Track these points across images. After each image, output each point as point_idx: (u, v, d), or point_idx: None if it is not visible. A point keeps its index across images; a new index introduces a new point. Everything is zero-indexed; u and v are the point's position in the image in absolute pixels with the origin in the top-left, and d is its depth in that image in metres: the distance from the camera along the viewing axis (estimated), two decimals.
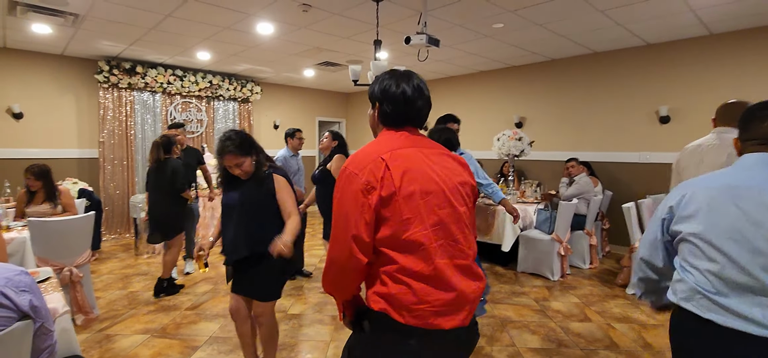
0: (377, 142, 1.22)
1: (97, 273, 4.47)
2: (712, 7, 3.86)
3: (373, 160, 1.14)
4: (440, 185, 1.18)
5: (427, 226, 1.13)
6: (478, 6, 3.86)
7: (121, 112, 6.26)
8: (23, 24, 4.44)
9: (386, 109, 1.25)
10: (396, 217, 1.12)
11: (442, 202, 1.17)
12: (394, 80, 1.24)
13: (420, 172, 1.16)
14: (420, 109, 1.26)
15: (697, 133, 4.74)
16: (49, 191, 3.42)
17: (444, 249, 1.15)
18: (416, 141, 1.24)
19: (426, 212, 1.14)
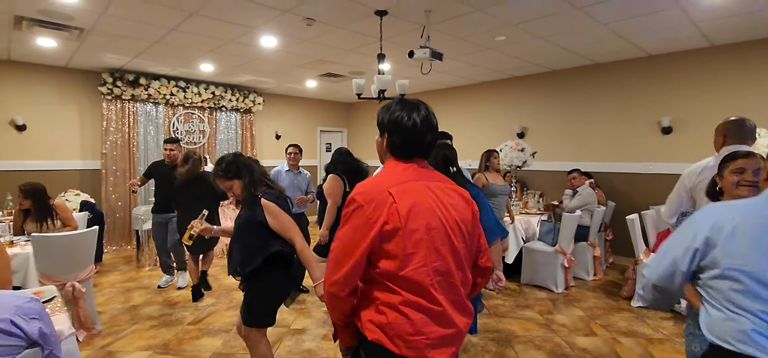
0: (385, 174, 1.24)
1: (98, 286, 4.45)
2: (713, 20, 3.88)
3: (380, 192, 1.17)
4: (442, 221, 1.20)
5: (427, 262, 1.16)
6: (481, 20, 3.89)
7: (124, 123, 6.27)
8: (28, 38, 4.47)
9: (396, 141, 1.26)
10: (399, 251, 1.14)
11: (443, 238, 1.19)
12: (406, 112, 1.25)
13: (425, 208, 1.18)
14: (429, 142, 1.28)
15: (699, 144, 4.78)
16: (41, 212, 3.31)
17: (441, 285, 1.18)
18: (423, 174, 1.26)
19: (428, 249, 1.16)
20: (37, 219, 3.34)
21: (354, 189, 1.23)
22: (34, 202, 3.32)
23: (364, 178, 3.45)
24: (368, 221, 1.14)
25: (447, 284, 1.19)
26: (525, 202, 5.47)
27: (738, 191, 1.56)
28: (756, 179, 1.55)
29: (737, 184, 1.56)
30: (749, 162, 1.57)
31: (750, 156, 1.59)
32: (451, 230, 1.21)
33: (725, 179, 1.61)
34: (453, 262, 1.21)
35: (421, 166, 1.28)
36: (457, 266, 1.22)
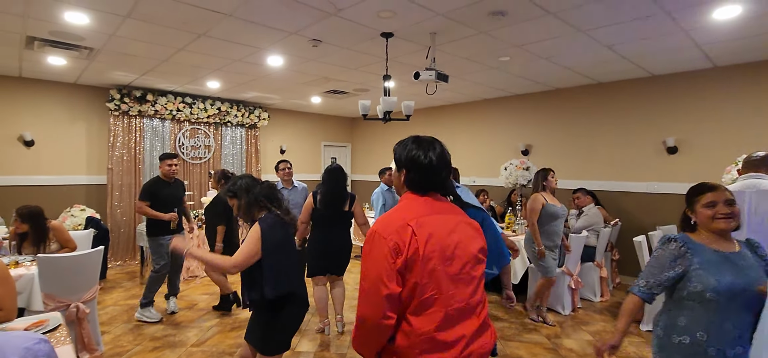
0: (404, 209, 1.32)
1: (102, 304, 4.44)
2: (717, 43, 3.89)
3: (401, 226, 1.25)
4: (458, 251, 1.29)
5: (443, 290, 1.24)
6: (485, 41, 3.92)
7: (131, 138, 6.32)
8: (39, 57, 4.54)
9: (413, 177, 1.36)
10: (417, 279, 1.22)
11: (458, 268, 1.28)
12: (422, 150, 1.35)
13: (441, 239, 1.27)
14: (444, 178, 1.37)
15: (705, 164, 4.76)
16: (38, 236, 3.26)
17: (459, 312, 1.27)
18: (439, 208, 1.35)
19: (444, 277, 1.25)
20: (34, 243, 3.27)
21: (375, 223, 1.31)
22: (32, 225, 3.25)
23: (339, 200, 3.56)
24: (392, 251, 1.21)
25: (465, 310, 1.28)
26: None
27: (715, 224, 1.59)
28: (731, 211, 1.58)
29: (713, 217, 1.59)
30: (718, 195, 1.61)
31: (717, 189, 1.62)
32: (468, 259, 1.30)
33: (699, 213, 1.63)
34: (469, 288, 1.30)
35: (437, 200, 1.37)
36: (472, 291, 1.31)
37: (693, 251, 1.58)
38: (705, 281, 1.53)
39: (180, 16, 3.35)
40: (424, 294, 1.23)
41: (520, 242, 4.39)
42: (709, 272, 1.53)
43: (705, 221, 1.62)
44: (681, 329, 1.58)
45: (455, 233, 1.31)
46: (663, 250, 1.63)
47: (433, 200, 1.36)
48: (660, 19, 3.32)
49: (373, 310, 1.22)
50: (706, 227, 1.62)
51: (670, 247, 1.61)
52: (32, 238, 3.29)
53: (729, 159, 4.31)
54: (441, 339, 1.23)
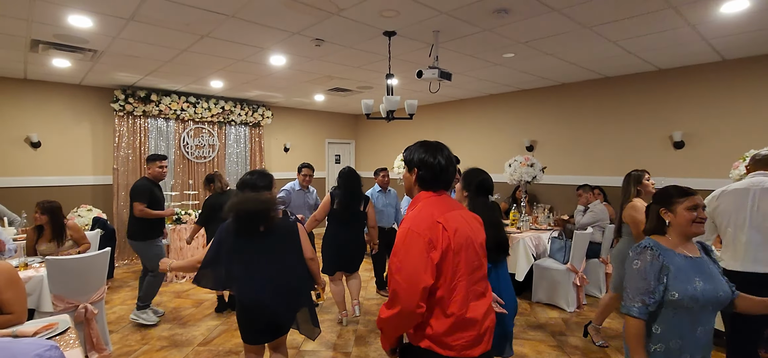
0: (429, 206, 1.47)
1: (109, 304, 4.49)
2: (724, 37, 3.83)
3: (432, 223, 1.41)
4: (473, 241, 1.49)
5: (465, 275, 1.44)
6: (489, 39, 3.89)
7: (136, 138, 6.36)
8: (44, 59, 4.57)
9: (425, 175, 1.52)
10: (448, 268, 1.41)
11: (473, 255, 1.49)
12: (430, 153, 1.53)
13: (463, 233, 1.46)
14: (451, 175, 1.55)
15: (712, 159, 4.71)
16: (55, 229, 3.39)
17: (474, 292, 1.47)
18: (452, 205, 1.53)
19: (466, 264, 1.45)
20: (52, 237, 3.39)
21: (404, 221, 1.45)
22: (51, 218, 3.38)
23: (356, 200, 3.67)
24: (428, 246, 1.37)
25: (477, 290, 1.49)
26: (535, 217, 5.42)
27: (694, 227, 1.58)
28: (705, 217, 1.60)
29: (693, 221, 1.57)
30: (699, 199, 1.61)
31: (697, 193, 1.62)
32: (479, 248, 1.51)
33: (680, 215, 1.58)
34: (480, 272, 1.51)
35: (448, 198, 1.55)
36: (482, 275, 1.52)
37: (666, 258, 1.54)
38: (681, 288, 1.50)
39: (183, 18, 3.36)
40: (453, 281, 1.41)
41: (524, 240, 4.38)
42: (684, 280, 1.51)
43: (685, 223, 1.58)
44: (656, 337, 1.55)
45: (469, 226, 1.51)
46: (642, 261, 1.55)
47: (446, 197, 1.53)
48: (667, 14, 3.28)
49: (409, 300, 1.36)
50: (683, 230, 1.59)
51: (647, 256, 1.55)
52: (50, 232, 3.39)
53: (737, 154, 4.26)
54: (469, 318, 1.43)
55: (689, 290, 1.49)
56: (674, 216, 1.60)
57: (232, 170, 7.45)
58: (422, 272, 1.36)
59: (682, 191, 1.63)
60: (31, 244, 3.44)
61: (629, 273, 1.59)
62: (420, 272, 1.36)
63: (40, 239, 3.42)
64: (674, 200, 1.61)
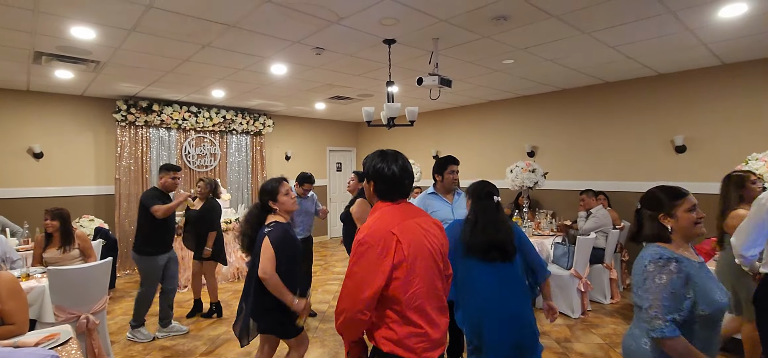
0: (384, 216, 1.49)
1: (111, 314, 4.47)
2: (723, 41, 3.84)
3: (386, 233, 1.44)
4: (430, 249, 1.52)
5: (423, 283, 1.47)
6: (488, 45, 3.91)
7: (138, 148, 6.39)
8: (47, 71, 4.61)
9: (381, 187, 1.55)
10: (403, 278, 1.43)
11: (431, 263, 1.51)
12: (386, 163, 1.54)
13: (419, 242, 1.49)
14: (407, 186, 1.57)
15: (714, 163, 4.70)
16: (65, 235, 3.46)
17: (431, 299, 1.50)
18: (410, 213, 1.55)
19: (422, 273, 1.47)
20: (60, 244, 3.42)
21: (360, 231, 1.46)
22: (62, 224, 3.43)
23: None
24: (380, 257, 1.40)
25: (435, 298, 1.52)
26: (537, 222, 5.40)
27: (697, 228, 1.52)
28: (703, 216, 1.55)
29: (696, 222, 1.52)
30: (694, 198, 1.55)
31: (687, 192, 1.56)
32: (435, 254, 1.54)
33: (682, 218, 1.50)
34: (438, 279, 1.54)
35: (407, 206, 1.57)
36: (439, 281, 1.56)
37: (687, 267, 1.44)
38: (709, 302, 1.41)
39: (184, 29, 3.39)
40: (411, 289, 1.44)
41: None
42: (708, 291, 1.43)
43: (689, 226, 1.50)
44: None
45: (428, 234, 1.53)
46: (666, 274, 1.42)
47: (405, 205, 1.56)
48: (665, 19, 3.29)
49: (352, 306, 1.41)
50: (687, 234, 1.51)
51: (672, 268, 1.42)
52: (60, 238, 3.43)
53: (739, 157, 4.25)
54: (429, 322, 1.47)
55: (716, 303, 1.42)
56: (676, 221, 1.51)
57: (234, 179, 7.46)
58: (370, 281, 1.39)
59: (674, 192, 1.55)
60: (40, 252, 3.45)
61: (653, 290, 1.42)
62: (367, 281, 1.39)
63: (48, 247, 3.43)
64: (672, 204, 1.52)
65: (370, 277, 1.39)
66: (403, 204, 1.56)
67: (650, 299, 1.42)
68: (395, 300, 1.43)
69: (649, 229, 1.56)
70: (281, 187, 2.35)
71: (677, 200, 1.53)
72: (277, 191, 2.33)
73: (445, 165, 2.99)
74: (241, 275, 5.93)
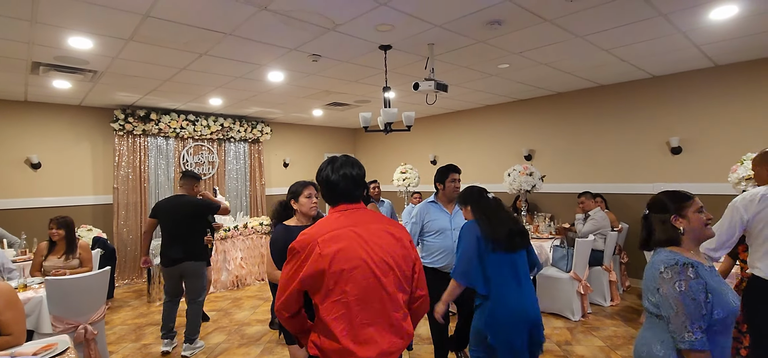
0: (321, 223, 1.49)
1: (109, 324, 4.45)
2: (715, 43, 3.88)
3: (310, 241, 1.43)
4: (366, 260, 1.43)
5: (350, 295, 1.40)
6: (484, 50, 3.94)
7: (135, 157, 6.39)
8: (45, 81, 4.62)
9: (323, 192, 1.59)
10: (325, 287, 1.40)
11: (367, 274, 1.42)
12: (324, 168, 1.57)
13: (349, 250, 1.42)
14: (343, 188, 1.53)
15: (710, 164, 4.73)
16: (69, 243, 3.48)
17: (367, 313, 1.41)
18: (357, 221, 1.50)
19: (351, 284, 1.40)
20: (66, 251, 3.44)
21: (296, 237, 1.48)
22: (67, 233, 3.45)
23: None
24: (300, 263, 1.42)
25: (373, 311, 1.42)
26: (536, 225, 5.41)
27: (706, 230, 1.53)
28: (711, 217, 1.56)
29: (706, 223, 1.53)
30: (699, 201, 1.57)
31: (692, 194, 1.58)
32: (376, 266, 1.43)
33: (693, 219, 1.50)
34: (378, 292, 1.43)
35: (360, 213, 1.53)
36: (385, 295, 1.44)
37: (703, 272, 1.42)
38: (725, 305, 1.39)
39: (181, 37, 3.41)
40: (331, 297, 1.40)
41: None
42: (721, 294, 1.41)
43: (699, 227, 1.50)
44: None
45: (366, 241, 1.45)
46: (685, 279, 1.39)
47: (350, 213, 1.51)
48: (657, 21, 3.33)
49: (278, 302, 1.48)
50: (698, 235, 1.51)
51: (691, 274, 1.39)
52: (64, 246, 3.45)
53: (734, 158, 4.27)
54: (348, 346, 1.38)
55: (730, 306, 1.40)
56: (688, 222, 1.50)
57: (232, 187, 7.46)
58: (286, 285, 1.45)
59: (681, 195, 1.55)
60: (40, 260, 3.43)
61: (673, 297, 1.38)
62: (288, 284, 1.45)
63: (49, 255, 3.42)
64: (683, 205, 1.52)
65: (288, 281, 1.44)
66: (353, 211, 1.52)
67: (674, 307, 1.38)
68: (321, 309, 1.42)
69: (661, 233, 1.54)
70: (305, 190, 2.38)
71: (686, 201, 1.53)
72: (300, 192, 2.38)
73: (446, 173, 2.98)
74: (240, 282, 5.91)
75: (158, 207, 3.64)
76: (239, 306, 5.04)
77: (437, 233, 2.96)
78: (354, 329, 1.39)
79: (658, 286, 1.43)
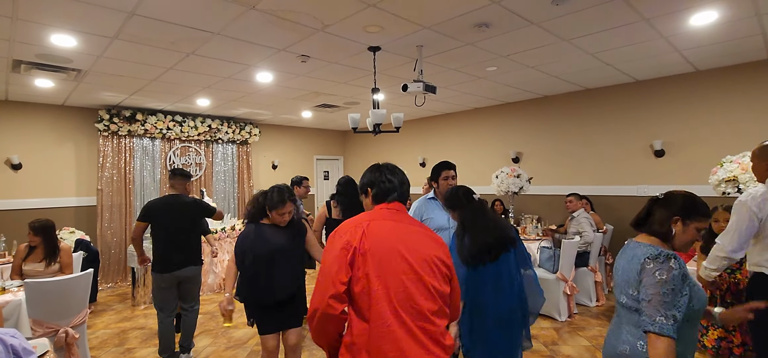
0: (367, 214, 1.54)
1: (92, 328, 4.35)
2: (696, 48, 3.99)
3: (356, 224, 1.44)
4: (406, 254, 1.41)
5: (388, 286, 1.36)
6: (471, 52, 3.98)
7: (120, 158, 6.28)
8: (26, 79, 4.52)
9: (375, 192, 1.60)
10: (363, 272, 1.36)
11: (406, 269, 1.39)
12: (380, 173, 1.63)
13: (388, 242, 1.42)
14: (391, 189, 1.59)
15: (692, 166, 4.84)
16: (49, 248, 3.38)
17: (404, 310, 1.36)
18: (398, 218, 1.52)
19: (390, 274, 1.37)
20: (43, 257, 3.34)
21: (339, 227, 1.49)
22: (44, 238, 3.35)
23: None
24: (346, 245, 1.39)
25: (411, 311, 1.37)
26: (523, 227, 5.46)
27: (689, 248, 1.58)
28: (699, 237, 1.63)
29: (694, 241, 1.56)
30: (708, 223, 1.67)
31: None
32: (418, 263, 1.41)
33: (690, 231, 1.52)
34: (418, 292, 1.39)
35: (401, 213, 1.56)
36: (424, 297, 1.39)
37: (684, 267, 1.46)
38: (700, 297, 1.47)
39: (168, 36, 3.37)
40: (368, 285, 1.36)
41: None
42: (698, 287, 1.49)
43: (689, 241, 1.53)
44: (679, 355, 1.43)
45: (408, 238, 1.45)
46: (667, 271, 1.40)
47: (397, 212, 1.55)
48: (640, 26, 3.40)
49: (321, 298, 1.37)
50: (683, 246, 1.53)
51: (672, 265, 1.41)
52: (42, 251, 3.35)
53: (714, 160, 4.38)
54: (383, 332, 1.34)
55: (703, 298, 1.47)
56: (684, 230, 1.51)
57: (220, 189, 7.38)
58: (336, 271, 1.37)
59: (699, 208, 1.53)
60: (19, 263, 3.34)
61: (652, 285, 1.40)
62: (334, 271, 1.37)
63: (28, 258, 3.33)
64: (693, 215, 1.51)
65: (336, 266, 1.37)
66: (394, 210, 1.55)
67: (650, 293, 1.39)
68: (356, 300, 1.39)
69: (658, 224, 1.54)
70: (283, 208, 2.45)
71: (696, 214, 1.51)
72: (275, 209, 2.45)
73: (439, 171, 2.91)
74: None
75: (151, 208, 3.31)
76: None
77: (435, 231, 2.92)
78: (388, 325, 1.35)
79: (640, 277, 1.44)
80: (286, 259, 2.46)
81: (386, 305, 1.35)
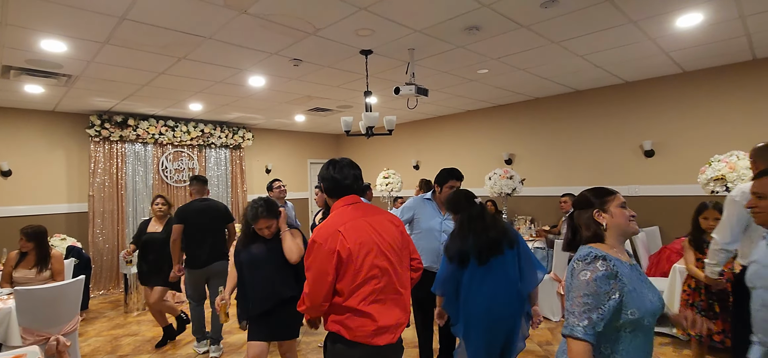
0: (334, 217, 1.73)
1: (84, 336, 4.31)
2: (682, 49, 4.06)
3: (332, 231, 1.67)
4: (379, 244, 1.73)
5: (370, 274, 1.68)
6: (463, 55, 4.01)
7: (112, 164, 6.23)
8: (16, 85, 4.48)
9: (328, 187, 1.83)
10: (351, 269, 1.66)
11: (380, 255, 1.72)
12: (333, 168, 1.82)
13: (366, 237, 1.71)
14: (349, 186, 1.81)
15: (681, 166, 4.91)
16: (41, 255, 3.33)
17: (382, 289, 1.70)
18: (363, 213, 1.77)
19: (369, 265, 1.68)
20: (35, 263, 3.30)
21: (315, 229, 1.71)
22: (36, 244, 3.31)
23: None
24: (328, 254, 1.63)
25: (389, 289, 1.72)
26: (517, 228, 5.50)
27: (631, 225, 1.49)
28: (635, 213, 1.55)
29: (630, 218, 1.50)
30: (622, 196, 1.56)
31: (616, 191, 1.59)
32: (386, 249, 1.74)
33: (616, 214, 1.46)
34: (390, 271, 1.73)
35: (361, 207, 1.79)
36: (393, 273, 1.75)
37: (616, 266, 1.33)
38: (640, 305, 1.32)
39: (159, 41, 3.36)
40: (358, 278, 1.66)
41: None
42: (639, 293, 1.34)
43: (624, 222, 1.44)
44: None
45: (377, 230, 1.74)
46: (592, 271, 1.31)
47: (358, 207, 1.79)
48: (628, 28, 3.46)
49: (315, 297, 1.69)
50: (622, 230, 1.44)
51: (599, 266, 1.32)
52: (34, 258, 3.31)
53: (703, 160, 4.45)
54: (369, 313, 1.66)
55: (647, 305, 1.33)
56: (611, 217, 1.44)
57: (213, 193, 7.34)
58: (325, 275, 1.64)
59: (604, 191, 1.50)
60: (9, 270, 3.30)
61: (576, 287, 1.33)
62: (323, 275, 1.65)
63: (20, 265, 3.29)
64: (603, 200, 1.47)
65: (324, 270, 1.63)
66: (356, 205, 1.79)
67: (573, 295, 1.33)
68: (344, 289, 1.66)
69: (586, 229, 1.48)
70: (263, 223, 2.44)
71: (608, 196, 1.48)
72: (255, 222, 2.44)
73: (446, 179, 2.89)
74: None
75: (186, 212, 3.69)
76: None
77: (425, 231, 2.94)
78: (376, 303, 1.67)
79: (571, 277, 1.38)
80: (262, 269, 2.42)
81: (370, 292, 1.67)
